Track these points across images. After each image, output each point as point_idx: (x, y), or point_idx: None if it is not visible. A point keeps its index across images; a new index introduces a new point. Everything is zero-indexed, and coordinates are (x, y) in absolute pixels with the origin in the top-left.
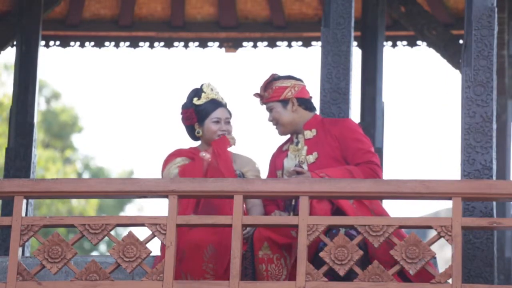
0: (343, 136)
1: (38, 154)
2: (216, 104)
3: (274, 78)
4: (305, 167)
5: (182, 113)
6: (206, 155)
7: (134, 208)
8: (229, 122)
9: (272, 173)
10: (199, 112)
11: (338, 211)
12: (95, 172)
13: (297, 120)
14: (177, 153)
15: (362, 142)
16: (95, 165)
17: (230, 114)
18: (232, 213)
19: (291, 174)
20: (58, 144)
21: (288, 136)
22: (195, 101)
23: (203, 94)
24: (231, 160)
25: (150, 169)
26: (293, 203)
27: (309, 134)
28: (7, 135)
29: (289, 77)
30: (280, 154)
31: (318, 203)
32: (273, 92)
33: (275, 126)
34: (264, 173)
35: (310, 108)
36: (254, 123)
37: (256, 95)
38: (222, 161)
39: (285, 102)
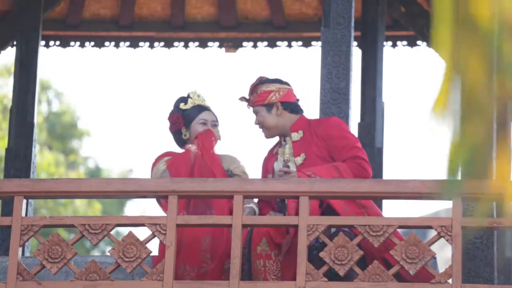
0: (328, 134)
1: (41, 157)
2: (202, 108)
3: (260, 82)
4: (293, 167)
5: (168, 119)
6: (192, 147)
7: (137, 208)
8: (215, 125)
9: (265, 177)
10: (186, 116)
11: (329, 208)
12: (94, 172)
13: (282, 124)
14: (164, 154)
15: (347, 138)
16: (95, 166)
17: (217, 119)
18: (226, 209)
19: (279, 175)
20: (60, 146)
21: (277, 139)
22: (182, 106)
23: (189, 100)
24: (217, 154)
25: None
26: (286, 202)
27: (296, 136)
28: (7, 135)
29: (275, 81)
30: (270, 157)
31: None
32: (258, 96)
33: (261, 130)
34: (254, 175)
35: (296, 111)
36: (253, 122)
37: (242, 98)
38: (207, 153)
39: (269, 106)
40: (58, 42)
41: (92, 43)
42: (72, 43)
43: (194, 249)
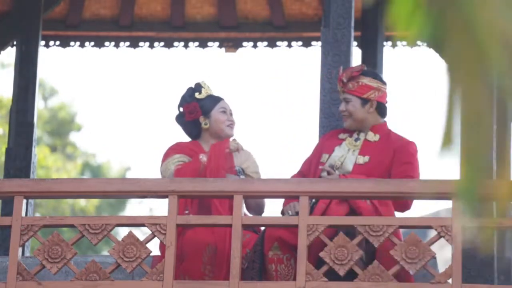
0: (399, 153)
1: (38, 150)
2: (218, 97)
3: (364, 73)
4: (351, 166)
5: (184, 108)
6: (203, 158)
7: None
8: (232, 114)
9: (316, 154)
10: (204, 104)
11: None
12: (93, 167)
13: (368, 121)
14: (176, 148)
15: (411, 166)
16: (95, 164)
17: None
18: (223, 211)
19: (324, 169)
20: (58, 143)
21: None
22: (197, 95)
23: (203, 90)
24: (224, 167)
25: (149, 168)
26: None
27: (372, 137)
28: (7, 135)
29: (377, 77)
30: (334, 139)
31: (337, 206)
32: (358, 87)
33: (344, 117)
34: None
35: (383, 114)
36: (253, 122)
37: (339, 81)
38: (211, 169)
39: (365, 101)
40: (58, 42)
41: (92, 43)
42: (72, 43)
43: (196, 261)
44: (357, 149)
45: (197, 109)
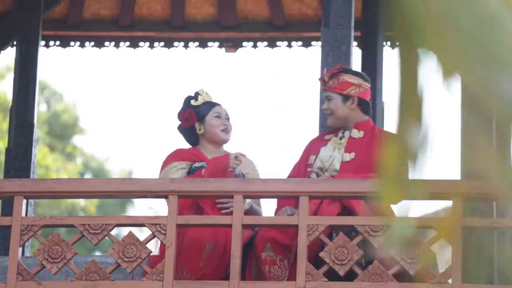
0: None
1: (41, 153)
2: (214, 102)
3: (344, 70)
4: (338, 164)
5: (180, 116)
6: (203, 172)
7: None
8: (228, 119)
9: (304, 157)
10: (199, 111)
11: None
12: (97, 172)
13: (351, 118)
14: (176, 155)
15: None
16: (96, 165)
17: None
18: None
19: (312, 171)
20: (59, 145)
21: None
22: (193, 102)
23: (199, 97)
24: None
25: (149, 169)
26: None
27: (357, 134)
28: (7, 135)
29: (359, 74)
30: (320, 141)
31: (328, 205)
32: (338, 84)
33: (327, 116)
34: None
35: (367, 111)
36: (253, 122)
37: (321, 80)
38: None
39: (346, 97)
40: (58, 42)
41: (92, 43)
42: (72, 43)
43: (194, 256)
44: (342, 147)
45: (192, 116)
